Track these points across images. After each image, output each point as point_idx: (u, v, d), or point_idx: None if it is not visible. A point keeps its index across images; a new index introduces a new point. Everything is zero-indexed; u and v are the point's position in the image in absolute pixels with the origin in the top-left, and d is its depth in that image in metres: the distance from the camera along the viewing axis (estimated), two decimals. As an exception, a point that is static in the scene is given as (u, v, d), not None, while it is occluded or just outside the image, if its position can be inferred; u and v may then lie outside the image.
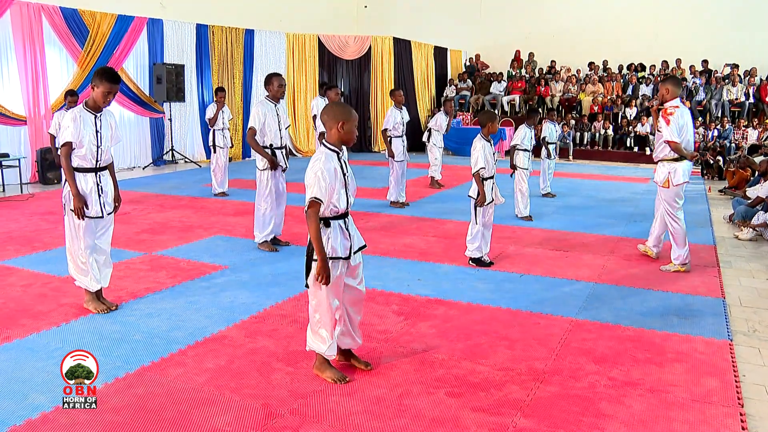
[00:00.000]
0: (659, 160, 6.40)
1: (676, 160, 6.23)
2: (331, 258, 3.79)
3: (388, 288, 5.90)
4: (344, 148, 3.91)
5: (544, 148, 11.00)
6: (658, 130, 6.20)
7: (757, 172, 11.19)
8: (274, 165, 7.00)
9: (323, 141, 3.91)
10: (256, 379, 3.96)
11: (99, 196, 5.08)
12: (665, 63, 18.89)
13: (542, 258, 7.10)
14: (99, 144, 5.05)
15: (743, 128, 16.04)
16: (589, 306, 5.53)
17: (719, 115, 16.92)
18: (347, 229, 3.91)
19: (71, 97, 9.94)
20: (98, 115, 5.04)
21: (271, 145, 7.04)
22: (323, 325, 3.93)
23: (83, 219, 5.00)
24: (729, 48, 18.11)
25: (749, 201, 9.38)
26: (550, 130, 11.08)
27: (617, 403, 3.80)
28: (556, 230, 8.50)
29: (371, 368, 4.14)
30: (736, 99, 16.97)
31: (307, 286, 3.89)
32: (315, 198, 3.69)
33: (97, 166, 5.10)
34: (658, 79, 18.17)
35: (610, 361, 4.41)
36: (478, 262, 6.65)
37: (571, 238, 8.08)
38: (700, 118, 16.59)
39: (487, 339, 4.75)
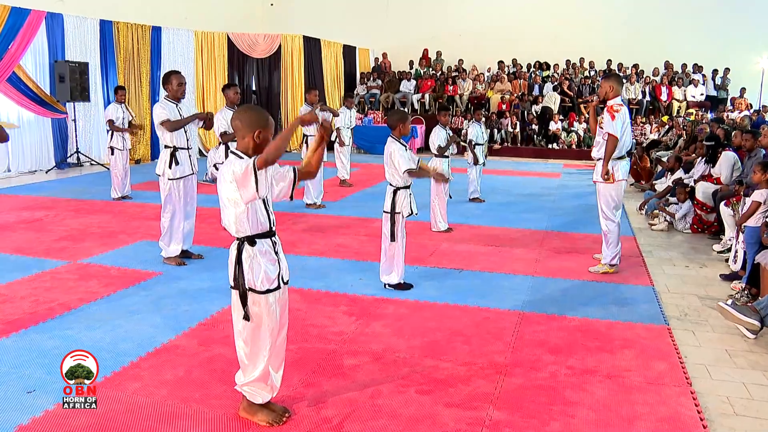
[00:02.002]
0: (599, 158, 6.36)
1: (618, 158, 6.24)
2: (262, 292, 3.29)
3: (332, 289, 5.85)
4: None
5: (470, 151, 10.47)
6: (601, 127, 6.29)
7: (660, 167, 11.83)
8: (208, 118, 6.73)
9: (233, 149, 3.34)
10: (221, 389, 3.82)
11: None
12: (569, 62, 19.64)
13: (476, 254, 7.22)
14: None
15: (641, 125, 16.90)
16: (532, 299, 5.69)
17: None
18: (276, 253, 3.39)
19: None
20: None
21: (174, 146, 6.50)
22: (254, 371, 3.42)
23: None
24: (628, 49, 19.03)
25: (657, 193, 9.94)
26: (476, 132, 10.51)
27: (581, 391, 3.94)
28: (483, 226, 8.68)
29: (290, 415, 3.55)
30: (635, 97, 17.86)
31: (246, 318, 3.33)
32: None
33: None
34: (563, 78, 18.91)
35: (564, 351, 4.55)
36: (398, 285, 5.87)
37: (499, 233, 8.27)
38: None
39: (442, 335, 4.80)
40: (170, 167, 6.45)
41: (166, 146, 6.52)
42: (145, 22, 15.72)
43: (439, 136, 8.64)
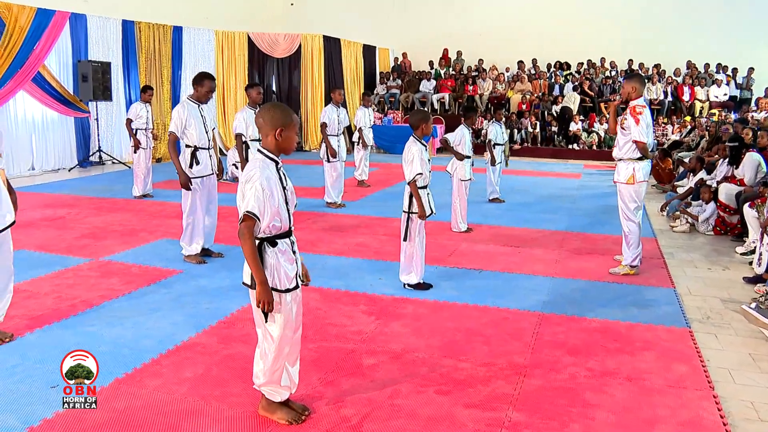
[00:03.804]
0: (620, 159, 6.32)
1: (638, 159, 6.21)
2: (281, 291, 3.31)
3: (352, 288, 5.86)
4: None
5: (488, 152, 10.39)
6: (623, 128, 6.22)
7: (682, 168, 11.72)
8: (186, 185, 6.46)
9: (259, 148, 3.39)
10: (240, 387, 3.84)
11: None
12: (589, 62, 19.51)
13: (495, 254, 7.20)
14: None
15: (663, 125, 16.75)
16: (552, 299, 5.66)
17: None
18: (293, 252, 3.41)
19: None
20: None
21: (195, 146, 6.54)
22: (271, 370, 3.43)
23: None
24: (650, 48, 18.86)
25: (679, 194, 9.84)
26: (496, 132, 10.45)
27: (600, 393, 3.91)
28: (503, 226, 8.64)
29: (309, 414, 3.57)
30: (656, 98, 17.69)
31: (265, 319, 3.34)
32: (249, 212, 3.16)
33: None
34: (583, 77, 18.78)
35: (584, 352, 4.52)
36: (417, 285, 5.89)
37: (518, 233, 8.24)
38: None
39: (461, 335, 4.79)
40: (191, 167, 6.50)
41: (187, 146, 6.56)
42: (166, 22, 15.86)
43: (459, 137, 8.46)
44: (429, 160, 5.77)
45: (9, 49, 12.31)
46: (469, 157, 8.46)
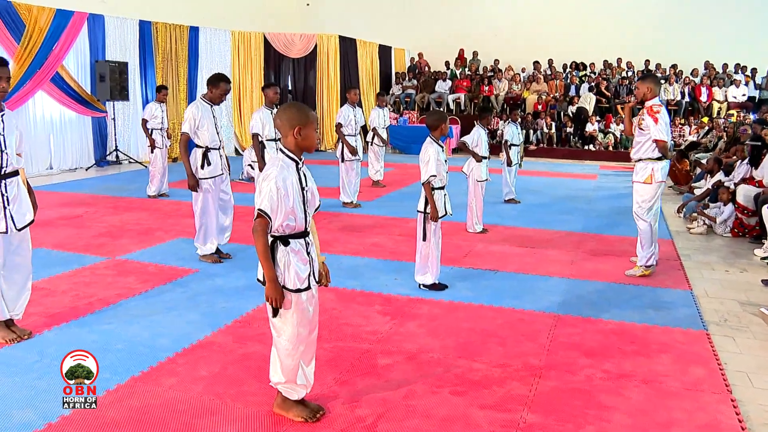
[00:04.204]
0: (639, 159, 6.29)
1: (657, 159, 6.18)
2: (291, 290, 3.31)
3: (367, 288, 5.87)
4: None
5: (505, 152, 10.36)
6: (641, 129, 6.17)
7: (699, 169, 11.63)
8: (194, 187, 6.49)
9: (280, 147, 3.41)
10: (255, 386, 3.86)
11: (5, 208, 4.39)
12: (606, 62, 19.41)
13: (511, 255, 7.18)
14: (3, 148, 4.35)
15: (679, 126, 16.62)
16: (568, 301, 5.63)
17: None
18: (308, 253, 3.40)
19: None
20: None
21: (207, 146, 6.55)
22: (286, 368, 3.44)
23: None
24: (666, 49, 18.73)
25: (696, 195, 9.76)
26: (513, 132, 10.45)
27: (616, 395, 3.89)
28: (518, 227, 8.62)
29: (324, 413, 3.56)
30: (673, 98, 17.57)
31: (275, 313, 3.34)
32: (262, 210, 3.19)
33: (2, 174, 4.38)
34: (600, 78, 18.69)
35: (599, 354, 4.50)
36: (432, 286, 5.88)
37: (534, 234, 8.21)
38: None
39: (476, 336, 4.78)
40: (202, 167, 6.52)
41: (198, 146, 6.58)
42: (183, 22, 15.95)
43: (476, 137, 8.48)
44: (446, 161, 5.76)
45: (29, 49, 12.45)
46: (486, 158, 8.44)
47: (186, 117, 6.51)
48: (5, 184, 4.40)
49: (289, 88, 18.67)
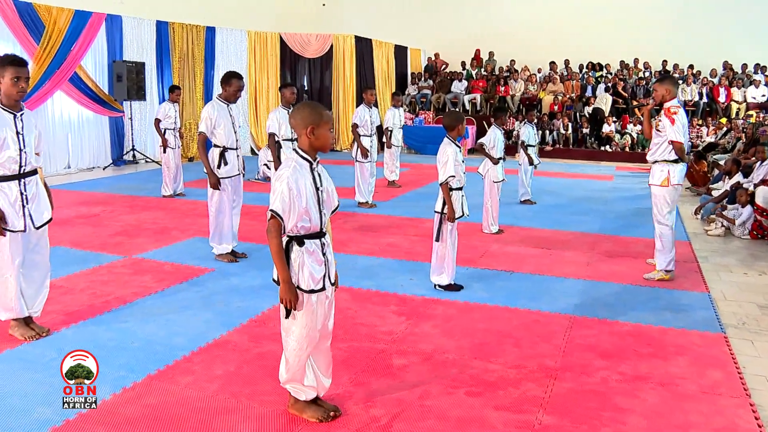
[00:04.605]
0: (655, 161, 6.22)
1: (674, 161, 6.11)
2: (305, 290, 3.29)
3: (382, 288, 5.87)
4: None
5: (522, 152, 10.31)
6: (658, 130, 6.11)
7: (717, 170, 11.54)
8: (215, 185, 6.51)
9: (294, 147, 3.42)
10: (270, 385, 3.86)
11: (24, 207, 4.43)
12: (622, 63, 19.29)
13: (526, 256, 7.15)
14: (22, 147, 4.38)
15: (697, 127, 16.48)
16: (583, 302, 5.60)
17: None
18: (323, 254, 3.39)
19: None
20: (18, 114, 4.38)
21: (224, 146, 6.57)
22: (292, 368, 3.44)
23: (4, 234, 4.37)
24: (684, 49, 18.58)
25: (714, 197, 9.68)
26: (529, 133, 10.38)
27: (632, 397, 3.86)
28: (534, 228, 8.59)
29: (339, 414, 3.56)
30: (691, 99, 17.43)
31: (287, 316, 3.33)
32: (274, 211, 3.20)
33: (21, 173, 4.42)
34: (616, 78, 18.57)
35: (615, 356, 4.47)
36: (448, 286, 5.86)
37: (550, 235, 8.18)
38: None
39: (491, 337, 4.77)
40: (219, 167, 6.55)
41: (215, 145, 6.61)
42: (199, 22, 16.04)
43: (493, 138, 8.47)
44: (463, 162, 5.75)
45: (48, 50, 12.56)
46: (502, 159, 8.42)
47: (202, 117, 6.55)
48: (24, 183, 4.45)
49: (305, 88, 18.72)
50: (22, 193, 4.43)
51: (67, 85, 13.16)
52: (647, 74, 18.83)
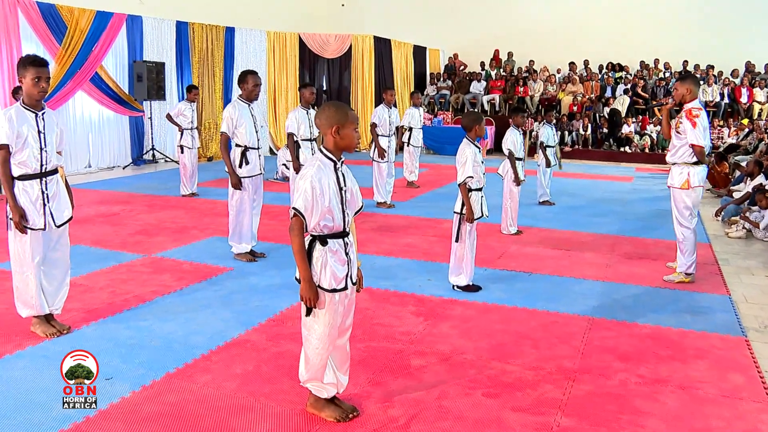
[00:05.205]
0: (674, 164, 6.15)
1: (694, 163, 6.03)
2: (326, 290, 3.30)
3: (400, 288, 5.87)
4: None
5: (541, 153, 10.25)
6: (678, 132, 6.04)
7: (738, 172, 11.41)
8: (237, 185, 6.53)
9: (320, 147, 3.41)
10: (288, 384, 3.88)
11: (45, 205, 4.50)
12: (642, 63, 19.14)
13: (545, 257, 7.12)
14: (43, 146, 4.45)
15: (718, 128, 16.32)
16: (602, 304, 5.56)
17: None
18: (346, 254, 3.41)
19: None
20: (40, 113, 4.45)
21: (245, 146, 6.62)
22: (313, 367, 3.46)
23: (25, 232, 4.44)
24: (705, 49, 18.40)
25: (735, 199, 9.57)
26: (548, 134, 10.31)
27: (651, 401, 3.83)
28: (553, 229, 8.55)
29: (358, 414, 3.57)
30: (712, 100, 17.25)
31: (308, 312, 3.34)
32: (296, 209, 3.20)
33: (42, 171, 4.50)
34: (636, 78, 18.43)
35: (634, 358, 4.44)
36: (466, 287, 5.85)
37: (568, 237, 8.13)
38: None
39: (509, 338, 4.75)
40: (240, 166, 6.59)
41: (237, 145, 6.64)
42: (219, 23, 16.13)
43: (511, 139, 8.42)
44: (482, 162, 5.73)
45: (70, 50, 12.69)
46: (521, 159, 8.37)
47: (224, 117, 6.61)
48: (45, 181, 4.52)
49: (324, 88, 18.76)
50: (43, 192, 4.49)
51: (88, 85, 13.30)
52: (667, 75, 18.65)
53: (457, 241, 5.73)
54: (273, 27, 17.71)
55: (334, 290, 3.31)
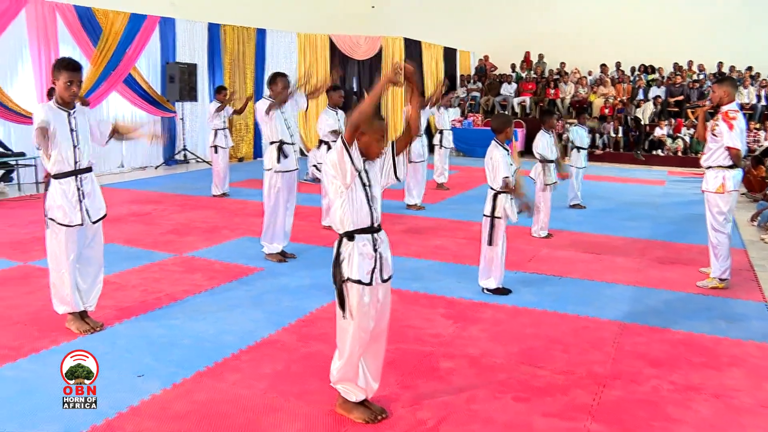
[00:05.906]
0: (709, 167, 6.05)
1: (729, 167, 5.93)
2: (354, 282, 3.32)
3: (430, 291, 5.85)
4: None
5: (574, 155, 10.18)
6: (714, 135, 5.94)
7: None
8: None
9: None
10: (318, 385, 3.89)
11: (80, 201, 4.60)
12: (676, 65, 18.88)
13: (576, 261, 7.05)
14: (76, 144, 4.56)
15: (755, 131, 16.02)
16: (634, 309, 5.49)
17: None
18: (375, 250, 3.37)
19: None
20: (71, 112, 4.55)
21: (282, 141, 6.70)
22: (343, 368, 3.48)
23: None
24: (741, 50, 18.07)
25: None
26: (580, 135, 10.27)
27: (684, 408, 3.77)
28: (584, 233, 8.46)
29: (387, 416, 3.57)
30: (748, 102, 16.93)
31: (342, 308, 3.39)
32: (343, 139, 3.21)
33: (77, 168, 4.60)
34: (669, 81, 18.18)
35: (666, 365, 4.38)
36: (496, 290, 5.80)
37: (599, 240, 8.04)
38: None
39: (540, 342, 4.71)
40: (278, 161, 6.64)
41: (272, 141, 6.70)
42: (250, 24, 16.25)
43: (542, 143, 8.31)
44: (511, 165, 5.67)
45: (104, 52, 12.87)
46: (553, 162, 8.30)
47: (259, 107, 6.80)
48: (80, 179, 4.62)
49: (355, 89, 18.77)
50: (78, 189, 4.60)
51: (122, 86, 13.48)
52: (701, 77, 18.36)
53: (490, 244, 5.69)
54: (303, 29, 17.78)
55: (360, 282, 3.30)
